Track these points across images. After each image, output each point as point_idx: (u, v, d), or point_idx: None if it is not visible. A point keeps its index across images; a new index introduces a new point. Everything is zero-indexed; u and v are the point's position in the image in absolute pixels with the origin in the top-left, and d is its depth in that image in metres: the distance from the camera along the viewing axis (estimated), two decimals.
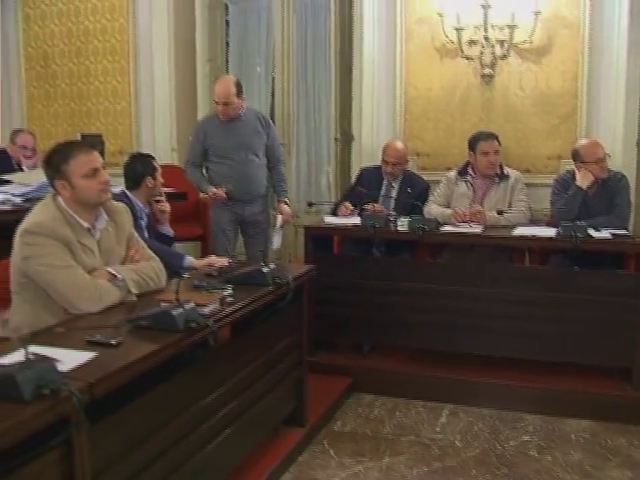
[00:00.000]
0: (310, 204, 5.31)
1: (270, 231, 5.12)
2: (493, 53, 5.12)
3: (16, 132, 5.95)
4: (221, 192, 4.79)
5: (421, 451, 3.60)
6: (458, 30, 5.11)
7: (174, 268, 3.45)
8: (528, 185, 4.79)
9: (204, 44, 6.26)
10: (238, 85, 4.85)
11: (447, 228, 4.40)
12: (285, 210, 5.07)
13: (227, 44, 6.49)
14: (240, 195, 4.88)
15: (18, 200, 4.68)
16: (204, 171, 5.02)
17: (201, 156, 4.94)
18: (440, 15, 5.17)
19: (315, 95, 6.23)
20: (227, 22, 6.47)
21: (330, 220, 4.75)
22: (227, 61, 6.50)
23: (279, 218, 5.04)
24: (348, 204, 4.79)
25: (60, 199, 2.84)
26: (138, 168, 4.04)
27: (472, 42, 5.16)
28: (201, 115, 5.91)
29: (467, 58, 5.19)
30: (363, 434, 3.80)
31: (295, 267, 3.93)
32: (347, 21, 5.70)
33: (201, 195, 5.39)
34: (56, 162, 2.83)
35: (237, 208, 4.93)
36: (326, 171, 6.25)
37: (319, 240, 4.63)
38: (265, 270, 3.17)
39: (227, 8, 6.44)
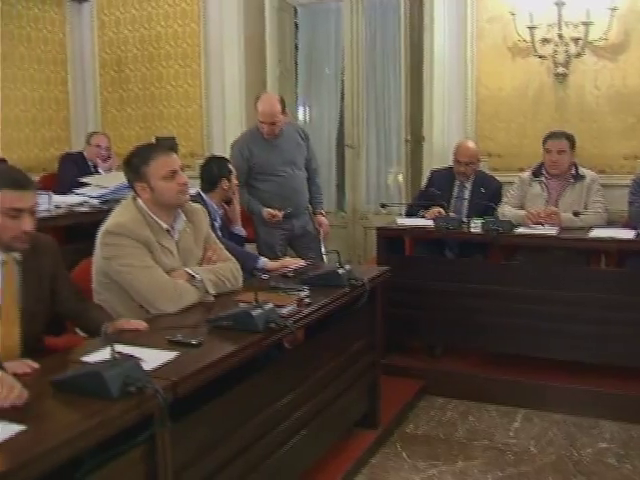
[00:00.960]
0: (383, 205, 5.27)
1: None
2: (567, 51, 5.02)
3: (92, 134, 6.12)
4: (279, 215, 4.68)
5: (495, 456, 3.54)
6: (531, 28, 5.03)
7: (249, 269, 3.48)
8: (604, 186, 4.67)
9: (274, 47, 6.29)
10: (282, 102, 4.77)
11: (521, 230, 4.32)
12: (323, 222, 5.01)
13: (296, 47, 6.52)
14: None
15: (95, 202, 4.80)
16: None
17: (247, 174, 4.73)
18: (512, 13, 5.09)
19: (385, 96, 6.21)
20: (296, 25, 6.50)
21: (402, 221, 4.72)
22: (296, 64, 6.53)
23: (320, 232, 4.98)
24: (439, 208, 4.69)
25: (140, 201, 2.90)
26: (214, 170, 4.09)
27: (545, 40, 5.07)
28: None
29: (540, 57, 5.10)
30: (436, 437, 3.77)
31: (369, 269, 3.91)
32: (417, 21, 5.66)
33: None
34: (136, 164, 2.89)
35: (286, 224, 4.79)
36: (396, 173, 6.23)
37: (391, 242, 4.61)
38: (341, 272, 3.17)
39: (296, 11, 6.47)
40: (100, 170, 5.83)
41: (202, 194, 4.03)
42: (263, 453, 2.61)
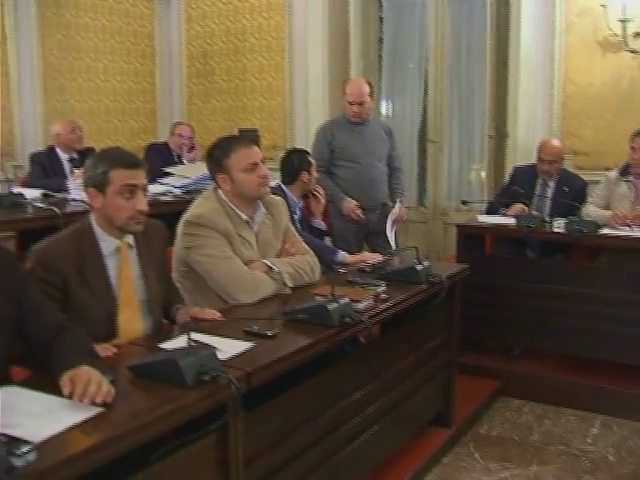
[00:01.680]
0: (464, 202, 5.19)
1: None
2: None
3: (176, 124, 6.25)
4: (359, 213, 4.65)
5: (571, 462, 3.46)
6: (623, 22, 4.87)
7: (327, 262, 3.49)
8: None
9: (358, 40, 6.29)
10: (370, 85, 4.78)
11: (606, 231, 4.19)
12: (401, 208, 4.88)
13: (380, 40, 6.49)
14: (365, 202, 4.75)
15: (178, 192, 4.90)
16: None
17: (329, 160, 4.76)
18: (603, 6, 4.95)
19: (469, 91, 6.11)
20: (381, 18, 6.46)
21: (483, 219, 4.64)
22: (380, 57, 6.50)
23: (396, 208, 4.81)
24: (522, 205, 4.60)
25: (221, 192, 2.94)
26: (294, 163, 4.11)
27: (638, 34, 4.90)
28: None
29: (632, 52, 4.94)
30: (510, 440, 3.70)
31: (448, 266, 3.86)
32: (503, 14, 5.55)
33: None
34: (218, 156, 2.93)
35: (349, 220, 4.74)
36: (478, 169, 6.13)
37: (471, 239, 4.54)
38: (419, 268, 3.14)
39: (381, 4, 6.43)
40: (184, 160, 5.94)
41: (282, 186, 4.06)
42: (334, 447, 2.62)
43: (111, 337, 2.39)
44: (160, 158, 5.80)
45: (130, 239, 2.51)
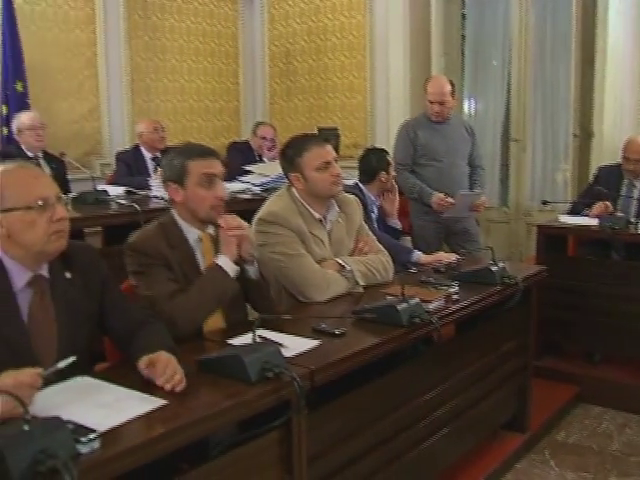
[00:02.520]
0: (544, 202, 5.06)
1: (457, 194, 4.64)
2: None
3: (258, 124, 6.32)
4: (450, 200, 4.53)
5: None
6: None
7: (402, 262, 3.47)
8: None
9: (439, 38, 6.21)
10: (452, 84, 4.72)
11: None
12: (479, 195, 4.74)
13: (463, 37, 6.40)
14: None
15: (257, 190, 4.95)
16: None
17: (412, 158, 4.69)
18: None
19: (553, 89, 5.95)
20: (463, 15, 6.37)
21: (565, 219, 4.52)
22: (462, 55, 6.41)
23: (472, 194, 4.70)
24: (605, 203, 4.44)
25: (294, 190, 2.96)
26: (372, 162, 4.11)
27: None
28: None
29: None
30: (588, 448, 3.58)
31: (525, 267, 3.78)
32: (590, 10, 5.39)
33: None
34: (291, 155, 2.96)
35: (443, 217, 4.64)
36: (562, 168, 5.97)
37: (552, 240, 4.43)
38: (494, 269, 3.08)
39: (464, 1, 6.34)
40: (265, 159, 6.00)
41: (360, 185, 4.06)
42: (402, 448, 2.60)
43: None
44: (241, 157, 5.87)
45: (211, 230, 2.56)
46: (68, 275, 2.07)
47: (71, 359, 1.78)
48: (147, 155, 5.43)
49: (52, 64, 5.77)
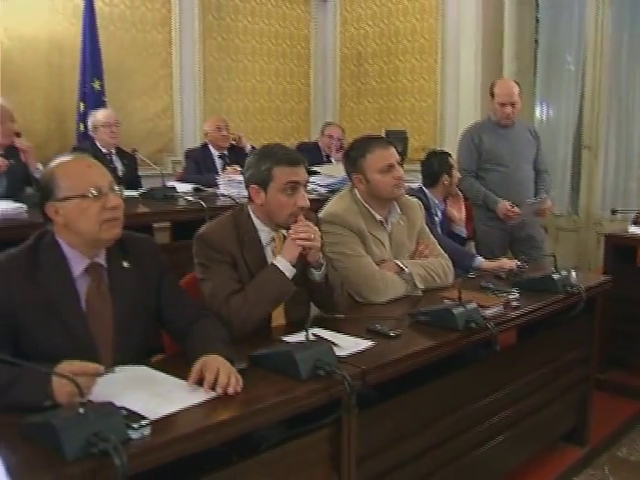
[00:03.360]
0: (613, 211, 4.94)
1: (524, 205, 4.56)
2: None
3: (326, 124, 6.36)
4: (517, 210, 4.45)
5: None
6: None
7: (463, 267, 3.44)
8: None
9: (512, 42, 6.14)
10: (519, 86, 4.65)
11: None
12: (545, 200, 4.63)
13: (536, 41, 6.30)
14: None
15: (323, 190, 4.98)
16: None
17: (476, 164, 4.64)
18: None
19: (629, 95, 5.80)
20: (537, 19, 6.27)
21: (634, 230, 4.40)
22: (535, 59, 6.30)
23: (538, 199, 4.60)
24: None
25: (356, 191, 2.98)
26: (434, 166, 4.08)
27: None
28: None
29: None
30: None
31: (591, 277, 3.70)
32: None
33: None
34: (353, 156, 2.97)
35: (507, 224, 4.57)
36: (636, 177, 5.81)
37: (621, 250, 4.31)
38: (556, 277, 3.03)
39: (537, 4, 6.24)
40: (332, 159, 6.03)
41: (424, 189, 4.04)
42: (455, 453, 2.58)
43: (264, 323, 2.47)
44: (309, 157, 5.87)
45: (284, 230, 2.55)
46: (126, 265, 2.13)
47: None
48: (215, 153, 5.53)
49: (128, 63, 5.95)
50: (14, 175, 4.20)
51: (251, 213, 2.54)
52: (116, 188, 2.07)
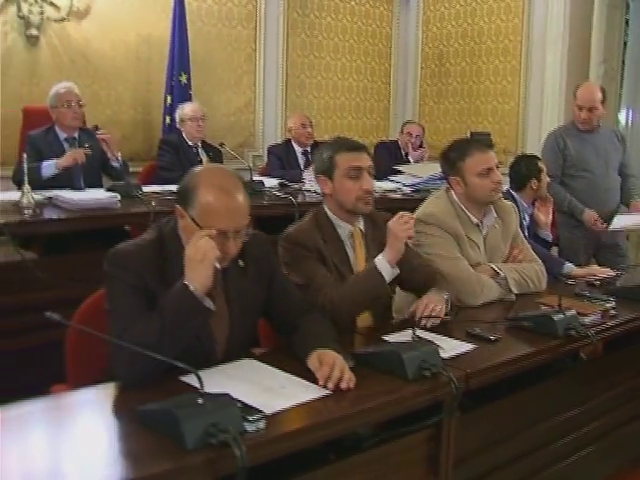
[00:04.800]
0: None
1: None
2: None
3: (406, 123, 6.34)
4: (602, 226, 4.36)
5: None
6: None
7: (552, 273, 3.39)
8: None
9: (600, 44, 6.00)
10: (603, 93, 4.53)
11: None
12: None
13: (624, 44, 6.15)
14: (599, 213, 4.45)
15: (407, 190, 4.98)
16: None
17: (561, 169, 4.56)
18: None
19: None
20: (626, 21, 6.12)
21: None
22: (623, 63, 6.16)
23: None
24: None
25: (452, 193, 2.96)
26: (523, 169, 4.03)
27: None
28: None
29: None
30: None
31: None
32: None
33: None
34: (452, 158, 2.95)
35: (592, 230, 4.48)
36: None
37: None
38: None
39: (628, 6, 6.09)
40: (410, 158, 6.01)
41: (512, 192, 3.99)
42: (544, 462, 2.54)
43: (350, 325, 2.48)
44: (388, 156, 5.92)
45: (361, 225, 2.61)
46: (241, 263, 2.13)
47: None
48: (298, 149, 5.57)
49: (214, 58, 6.04)
50: (90, 164, 4.31)
51: (327, 210, 2.60)
52: (243, 233, 2.02)
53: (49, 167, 4.13)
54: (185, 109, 5.09)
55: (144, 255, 2.00)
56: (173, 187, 4.30)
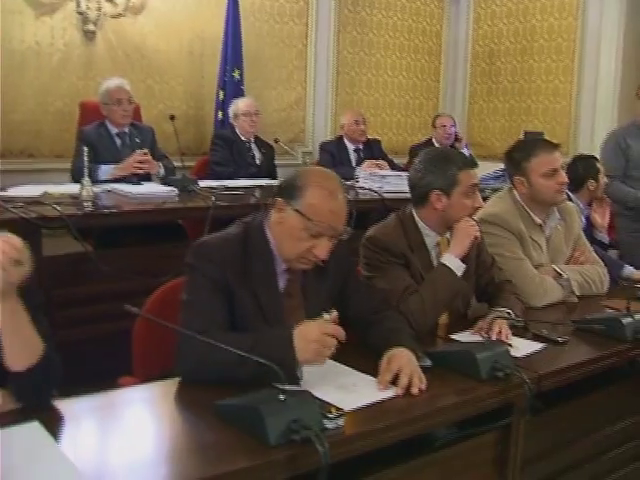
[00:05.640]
0: None
1: None
2: None
3: (436, 117, 6.29)
4: None
5: None
6: None
7: (613, 276, 3.35)
8: None
9: None
10: None
11: None
12: None
13: None
14: None
15: None
16: None
17: (623, 170, 4.53)
18: None
19: None
20: None
21: None
22: None
23: None
24: None
25: (516, 193, 2.93)
26: (579, 170, 3.98)
27: None
28: None
29: None
30: None
31: None
32: None
33: None
34: (517, 158, 2.92)
35: None
36: None
37: None
38: None
39: None
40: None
41: (569, 193, 3.95)
42: (607, 467, 2.51)
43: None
44: None
45: (448, 234, 2.54)
46: (320, 263, 2.11)
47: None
48: (350, 146, 5.57)
49: (266, 54, 6.07)
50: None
51: (416, 217, 2.53)
52: (344, 234, 2.05)
53: (105, 172, 4.18)
54: (239, 104, 5.11)
55: (229, 249, 2.01)
56: (228, 182, 4.38)
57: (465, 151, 5.83)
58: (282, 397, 1.57)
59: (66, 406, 1.72)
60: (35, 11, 5.01)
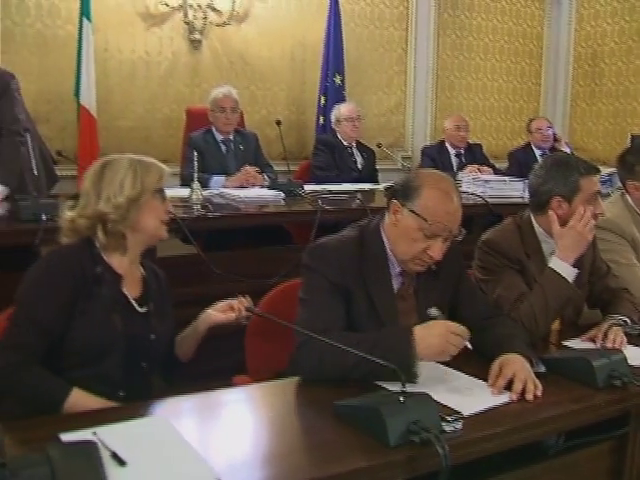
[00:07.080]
0: None
1: None
2: None
3: (530, 121, 6.02)
4: None
5: None
6: None
7: None
8: None
9: None
10: None
11: None
12: None
13: None
14: None
15: None
16: None
17: None
18: None
19: None
20: None
21: None
22: None
23: None
24: None
25: (628, 198, 2.88)
26: None
27: None
28: None
29: None
30: None
31: None
32: None
33: None
34: (630, 162, 2.87)
35: None
36: None
37: None
38: None
39: None
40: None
41: None
42: None
43: None
44: (523, 159, 5.71)
45: None
46: (433, 267, 2.13)
47: None
48: (451, 151, 5.55)
49: (366, 59, 6.14)
50: (244, 164, 4.48)
51: (535, 223, 2.49)
52: (459, 236, 2.08)
53: (217, 182, 4.33)
54: (341, 109, 5.18)
55: (346, 252, 2.06)
56: (331, 186, 4.44)
57: (567, 149, 5.73)
58: (402, 399, 1.60)
59: (183, 403, 1.81)
60: (145, 22, 5.23)
